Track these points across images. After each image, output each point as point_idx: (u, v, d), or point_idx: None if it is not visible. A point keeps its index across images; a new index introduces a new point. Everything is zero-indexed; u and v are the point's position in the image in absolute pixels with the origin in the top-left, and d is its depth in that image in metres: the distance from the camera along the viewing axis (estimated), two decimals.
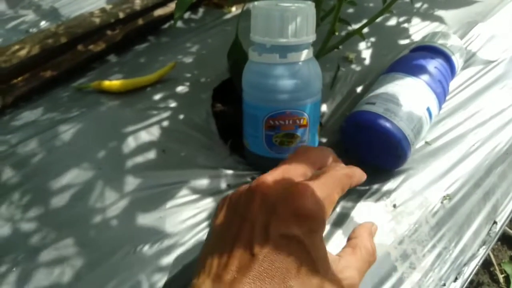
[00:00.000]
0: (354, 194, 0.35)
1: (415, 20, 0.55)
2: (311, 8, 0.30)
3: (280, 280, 0.19)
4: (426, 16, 0.56)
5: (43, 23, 0.61)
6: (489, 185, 0.39)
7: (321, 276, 0.20)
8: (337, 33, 0.36)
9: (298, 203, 0.21)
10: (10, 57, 0.49)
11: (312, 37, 0.31)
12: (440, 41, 0.41)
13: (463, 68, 0.48)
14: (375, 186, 0.36)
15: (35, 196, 0.35)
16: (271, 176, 0.23)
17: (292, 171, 0.24)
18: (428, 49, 0.41)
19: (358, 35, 0.38)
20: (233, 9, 0.63)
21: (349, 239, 0.26)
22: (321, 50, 0.38)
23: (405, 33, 0.53)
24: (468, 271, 0.36)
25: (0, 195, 0.36)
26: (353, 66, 0.48)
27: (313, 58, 0.32)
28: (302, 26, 0.29)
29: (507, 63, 0.50)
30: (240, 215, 0.22)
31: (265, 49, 0.30)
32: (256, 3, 0.30)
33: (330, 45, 0.38)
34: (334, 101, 0.44)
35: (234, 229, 0.22)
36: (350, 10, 0.58)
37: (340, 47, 0.39)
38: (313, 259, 0.20)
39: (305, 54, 0.30)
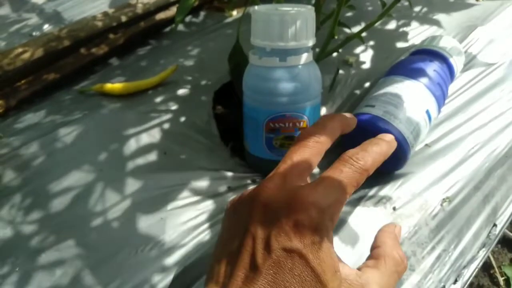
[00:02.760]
0: (353, 197, 0.35)
1: (415, 24, 0.56)
2: (310, 12, 0.30)
3: None
4: (426, 20, 0.56)
5: (46, 27, 0.62)
6: (489, 188, 0.39)
7: None
8: (336, 37, 0.36)
9: (299, 214, 0.20)
10: (13, 60, 0.50)
11: (311, 41, 0.31)
12: (439, 45, 0.41)
13: (463, 71, 0.49)
14: (375, 189, 0.36)
15: (36, 198, 0.36)
16: (272, 183, 0.22)
17: (295, 170, 0.23)
18: (427, 53, 0.41)
19: (357, 38, 0.39)
20: (234, 12, 0.64)
21: (372, 248, 0.24)
22: (321, 54, 0.39)
23: (404, 37, 0.53)
24: (468, 273, 0.36)
25: (2, 197, 0.36)
26: (353, 69, 0.48)
27: (313, 61, 0.33)
28: (301, 30, 0.29)
29: (506, 66, 0.50)
30: (242, 225, 0.21)
31: (265, 52, 0.31)
32: (256, 7, 0.31)
33: (329, 49, 0.39)
34: (334, 104, 0.44)
35: (238, 239, 0.21)
36: (350, 14, 0.58)
37: (340, 50, 0.39)
38: (317, 274, 0.19)
39: (304, 57, 0.31)
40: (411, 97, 0.36)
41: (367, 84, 0.46)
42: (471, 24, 0.55)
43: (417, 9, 0.59)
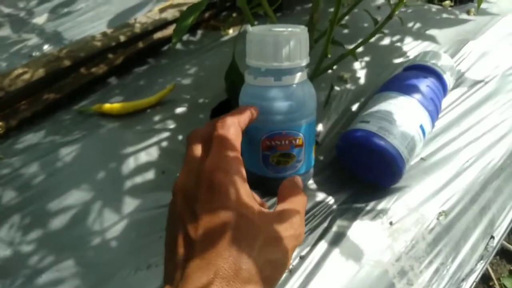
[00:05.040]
0: (350, 212, 0.36)
1: (408, 39, 0.57)
2: (303, 32, 0.31)
3: None
4: (419, 35, 0.57)
5: (46, 47, 0.63)
6: (485, 200, 0.40)
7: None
8: (329, 56, 0.37)
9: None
10: (14, 81, 0.50)
11: (305, 61, 0.32)
12: (432, 60, 0.42)
13: (456, 85, 0.49)
14: (371, 204, 0.36)
15: (36, 218, 0.36)
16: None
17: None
18: (420, 68, 0.42)
19: (351, 55, 0.40)
20: (230, 31, 0.65)
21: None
22: (315, 72, 0.39)
23: (398, 52, 0.54)
24: (467, 286, 0.36)
25: (2, 217, 0.36)
26: (348, 85, 0.49)
27: (307, 79, 0.33)
28: (295, 50, 0.30)
29: (498, 79, 0.51)
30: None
31: (260, 72, 0.31)
32: (250, 28, 0.31)
33: (324, 66, 0.39)
34: (329, 120, 0.45)
35: None
36: (345, 31, 0.59)
37: (335, 67, 0.40)
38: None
39: (298, 76, 0.31)
40: (405, 112, 0.36)
41: (362, 100, 0.47)
42: (463, 38, 0.56)
43: (410, 24, 0.60)
